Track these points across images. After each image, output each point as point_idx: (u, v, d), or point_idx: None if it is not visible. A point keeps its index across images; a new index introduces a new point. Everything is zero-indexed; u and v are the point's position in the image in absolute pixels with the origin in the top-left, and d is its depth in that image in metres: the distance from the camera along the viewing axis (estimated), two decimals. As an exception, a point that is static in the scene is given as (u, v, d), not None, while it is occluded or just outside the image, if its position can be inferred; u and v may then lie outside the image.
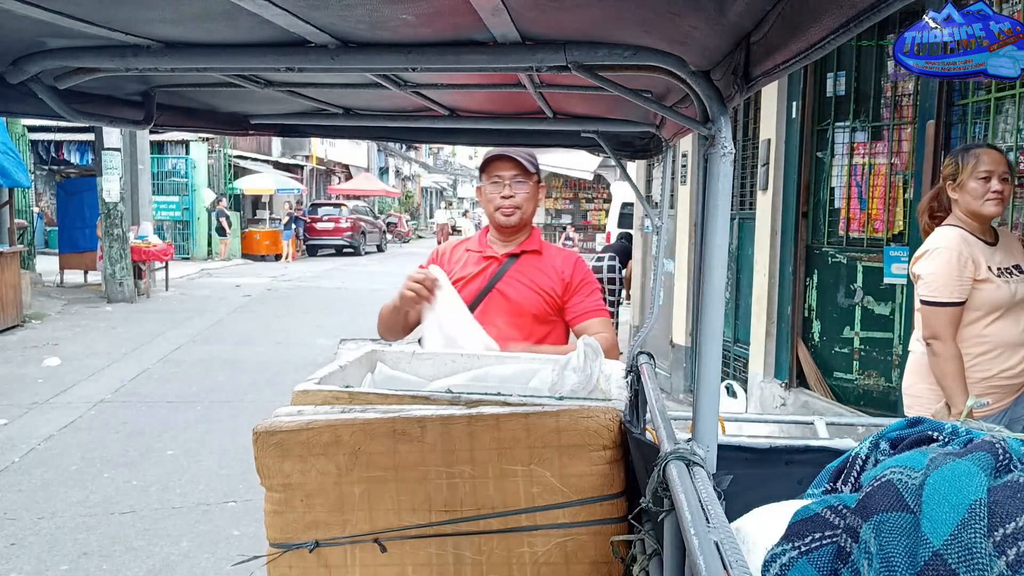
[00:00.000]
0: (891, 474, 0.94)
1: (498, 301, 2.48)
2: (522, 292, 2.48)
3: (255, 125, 2.22)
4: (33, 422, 5.95)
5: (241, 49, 1.24)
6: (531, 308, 2.47)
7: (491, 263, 2.54)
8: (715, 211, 1.15)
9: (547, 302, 2.49)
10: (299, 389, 1.72)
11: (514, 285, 2.49)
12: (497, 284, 2.49)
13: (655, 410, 1.37)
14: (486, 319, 2.44)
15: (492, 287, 2.49)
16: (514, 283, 2.50)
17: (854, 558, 0.91)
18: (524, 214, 2.53)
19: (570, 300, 2.51)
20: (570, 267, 2.55)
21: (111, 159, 12.31)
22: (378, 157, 38.11)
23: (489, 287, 2.49)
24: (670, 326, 7.37)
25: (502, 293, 2.48)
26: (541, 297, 2.49)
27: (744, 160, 6.14)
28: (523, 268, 2.52)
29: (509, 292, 2.48)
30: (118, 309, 11.87)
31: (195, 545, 3.96)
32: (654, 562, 1.31)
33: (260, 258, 22.33)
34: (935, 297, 2.74)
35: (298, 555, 1.60)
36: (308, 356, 8.20)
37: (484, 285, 2.50)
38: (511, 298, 2.47)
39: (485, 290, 2.49)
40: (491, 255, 2.55)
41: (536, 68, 1.20)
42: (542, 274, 2.51)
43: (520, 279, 2.50)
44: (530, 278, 2.50)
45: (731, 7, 0.93)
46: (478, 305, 2.47)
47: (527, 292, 2.48)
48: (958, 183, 2.79)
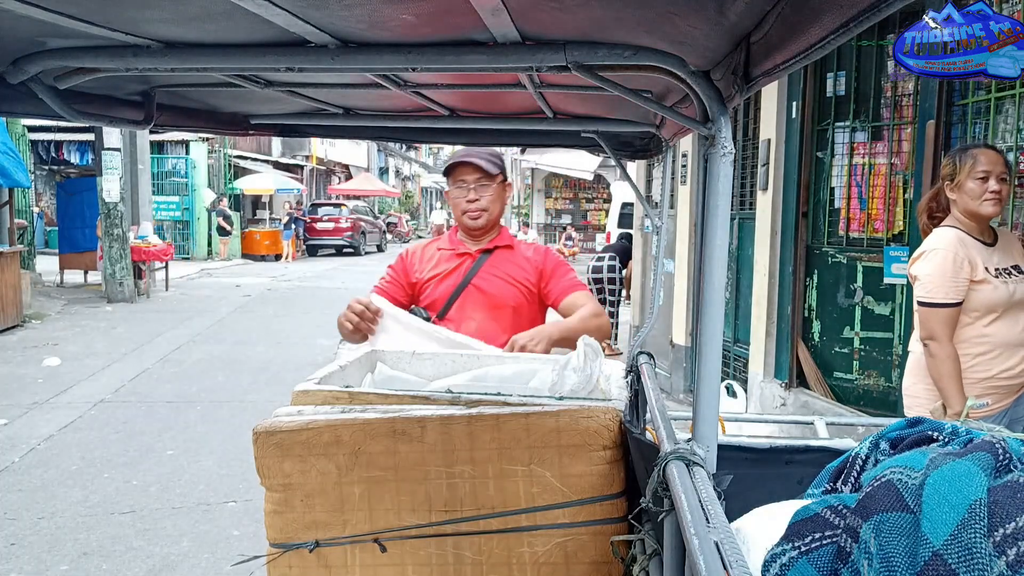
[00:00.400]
0: (891, 474, 0.94)
1: (475, 296, 2.50)
2: (498, 285, 2.52)
3: (255, 125, 2.22)
4: (33, 422, 5.95)
5: (241, 49, 1.24)
6: (509, 301, 2.51)
7: (465, 259, 2.57)
8: (715, 211, 1.15)
9: (524, 294, 2.53)
10: (299, 389, 1.72)
11: (490, 279, 2.52)
12: (473, 279, 2.52)
13: (655, 410, 1.37)
14: (464, 314, 2.46)
15: (468, 282, 2.52)
16: (489, 277, 2.53)
17: (854, 558, 0.91)
18: (491, 215, 2.56)
19: (547, 285, 2.56)
20: (541, 256, 2.61)
21: (111, 159, 12.31)
22: (378, 157, 38.12)
23: (465, 283, 2.52)
24: (670, 326, 7.37)
25: (478, 288, 2.51)
26: (518, 289, 2.52)
27: (744, 160, 6.14)
28: (497, 263, 2.56)
29: (485, 286, 2.51)
30: (118, 309, 11.87)
31: (195, 545, 3.96)
32: (654, 562, 1.31)
33: (260, 258, 22.33)
34: (931, 298, 2.74)
35: (298, 555, 1.60)
36: (308, 356, 8.20)
37: (460, 281, 2.52)
38: (488, 292, 2.50)
39: (461, 286, 2.52)
40: (464, 252, 2.58)
41: (536, 68, 1.20)
42: (516, 267, 2.56)
43: (495, 273, 2.54)
44: (505, 272, 2.54)
45: (731, 7, 0.93)
46: (455, 301, 2.50)
47: (503, 285, 2.52)
48: (956, 183, 2.79)
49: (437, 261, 2.60)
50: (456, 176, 2.55)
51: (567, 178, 26.57)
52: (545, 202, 28.37)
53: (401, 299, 2.57)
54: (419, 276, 2.58)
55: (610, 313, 9.44)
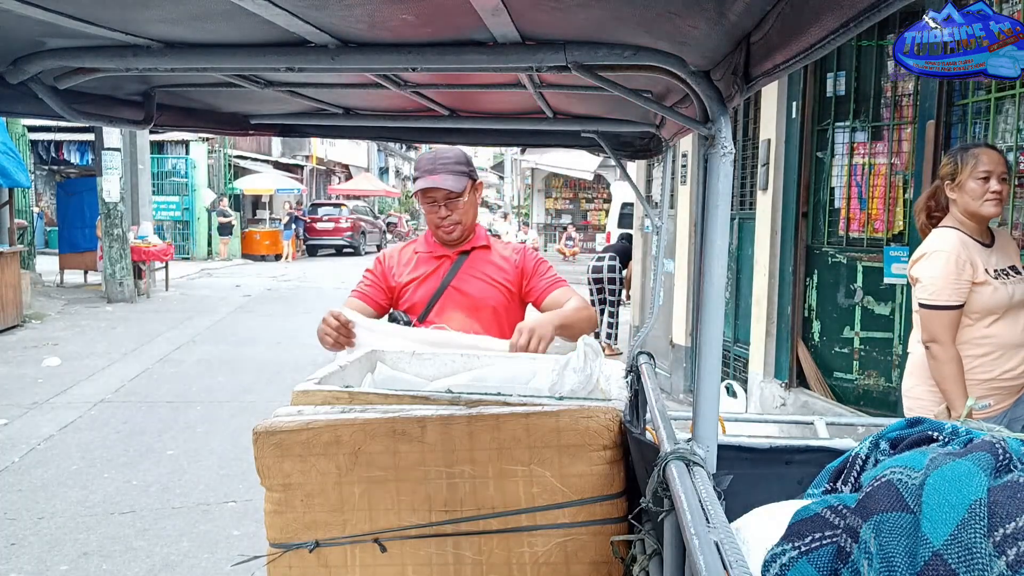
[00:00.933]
0: (891, 474, 0.94)
1: (455, 297, 2.49)
2: (477, 286, 2.50)
3: (255, 125, 2.22)
4: (33, 422, 5.95)
5: (241, 49, 1.24)
6: (489, 301, 2.49)
7: (443, 261, 2.55)
8: (715, 211, 1.15)
9: (504, 294, 2.52)
10: (299, 389, 1.72)
11: (469, 280, 2.51)
12: (452, 281, 2.51)
13: (655, 410, 1.37)
14: (444, 316, 2.45)
15: (448, 284, 2.50)
16: (468, 278, 2.51)
17: (854, 558, 0.91)
18: (465, 225, 2.54)
19: (528, 284, 2.54)
20: (520, 255, 2.59)
21: (111, 159, 12.31)
22: (378, 157, 38.12)
23: (444, 285, 2.50)
24: (670, 326, 7.37)
25: (458, 289, 2.49)
26: (497, 289, 2.51)
27: (744, 160, 6.14)
28: (475, 263, 2.54)
29: (465, 287, 2.50)
30: (118, 309, 11.87)
31: (195, 545, 3.96)
32: (654, 562, 1.31)
33: (260, 258, 22.33)
34: (933, 301, 2.73)
35: (298, 555, 1.60)
36: (308, 356, 8.19)
37: (439, 284, 2.51)
38: (468, 293, 2.49)
39: (441, 288, 2.50)
40: (442, 254, 2.56)
41: (536, 68, 1.20)
42: (494, 267, 2.54)
43: (474, 274, 2.52)
44: (484, 272, 2.53)
45: (731, 7, 0.93)
46: (435, 303, 2.48)
47: (483, 286, 2.50)
48: (957, 183, 2.77)
49: (415, 264, 2.58)
50: (425, 194, 2.50)
51: (567, 178, 26.56)
52: (545, 202, 28.38)
53: (380, 302, 2.56)
54: (398, 280, 2.56)
55: (610, 313, 9.44)
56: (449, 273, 2.53)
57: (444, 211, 2.49)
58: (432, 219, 2.53)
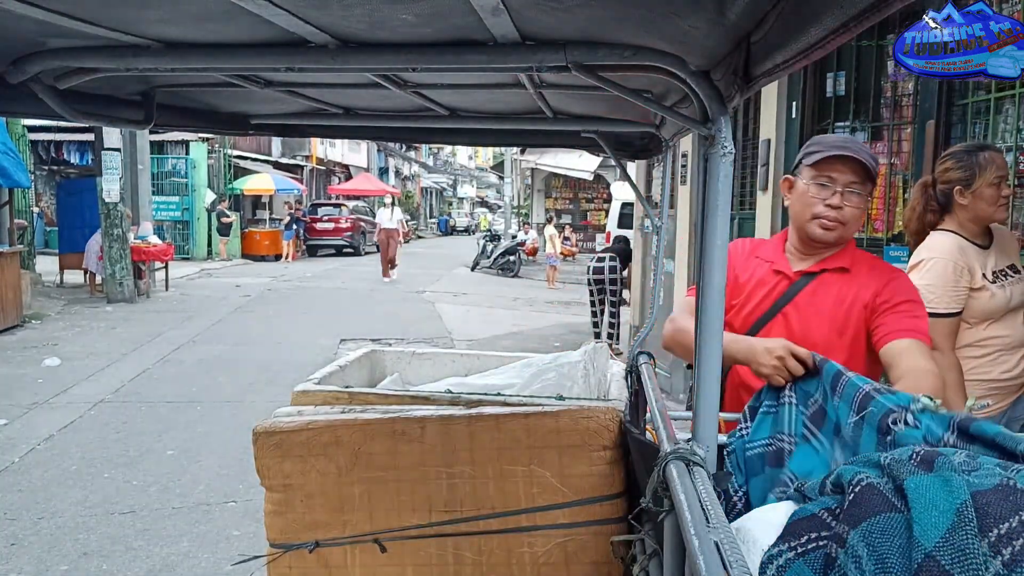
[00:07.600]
0: (866, 479, 0.96)
1: (780, 330, 2.00)
2: (812, 322, 2.00)
3: (255, 125, 2.22)
4: (33, 422, 5.95)
5: (241, 49, 1.24)
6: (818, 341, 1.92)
7: (780, 280, 2.07)
8: (715, 211, 1.15)
9: (840, 330, 1.99)
10: (299, 389, 1.72)
11: (803, 311, 2.02)
12: (783, 308, 2.04)
13: (655, 410, 1.37)
14: None
15: (777, 311, 2.05)
16: (803, 308, 2.03)
17: (840, 563, 0.91)
18: (846, 233, 2.03)
19: (880, 319, 1.95)
20: (884, 283, 1.99)
21: (111, 159, 12.31)
22: (378, 157, 38.10)
23: (773, 312, 2.05)
24: (670, 326, 7.36)
25: (787, 318, 2.03)
26: (833, 327, 1.99)
27: (744, 160, 6.14)
28: (818, 290, 2.03)
29: (794, 320, 2.02)
30: (118, 309, 11.86)
31: (195, 545, 3.96)
32: (654, 562, 1.31)
33: (260, 258, 22.32)
34: (932, 308, 2.67)
35: (298, 555, 1.60)
36: (308, 356, 8.19)
37: (767, 308, 2.06)
38: (795, 329, 1.99)
39: (767, 315, 2.05)
40: (781, 270, 2.08)
41: (536, 68, 1.20)
42: (842, 298, 2.01)
43: (811, 303, 2.02)
44: (824, 304, 2.01)
45: (731, 7, 0.93)
46: (759, 331, 2.03)
47: (817, 321, 2.00)
48: (974, 190, 2.67)
49: (752, 271, 2.13)
50: (823, 170, 1.98)
51: (567, 178, 26.57)
52: (545, 202, 28.39)
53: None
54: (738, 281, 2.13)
55: (611, 313, 9.45)
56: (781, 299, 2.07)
57: (837, 199, 1.98)
58: (813, 205, 2.00)
